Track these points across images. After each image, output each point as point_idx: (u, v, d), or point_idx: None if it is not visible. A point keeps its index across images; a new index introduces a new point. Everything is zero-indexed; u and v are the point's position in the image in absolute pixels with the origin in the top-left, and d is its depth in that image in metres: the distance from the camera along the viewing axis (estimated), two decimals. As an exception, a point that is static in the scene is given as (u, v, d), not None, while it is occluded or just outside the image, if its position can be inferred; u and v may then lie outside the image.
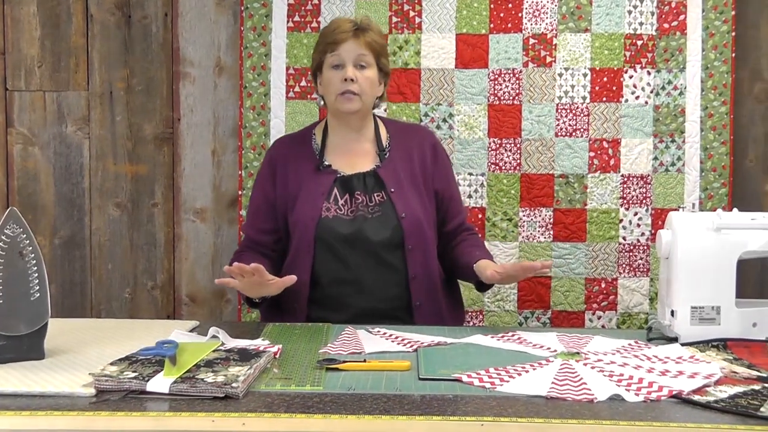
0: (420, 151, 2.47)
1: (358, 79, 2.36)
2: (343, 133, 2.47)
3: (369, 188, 2.40)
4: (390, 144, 2.48)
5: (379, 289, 2.36)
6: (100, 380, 1.53)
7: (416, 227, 2.36)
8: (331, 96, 2.40)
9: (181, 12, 3.31)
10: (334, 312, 2.35)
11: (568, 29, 3.19)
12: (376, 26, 2.47)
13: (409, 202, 2.38)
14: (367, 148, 2.47)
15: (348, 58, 2.36)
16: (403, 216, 2.35)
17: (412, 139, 2.51)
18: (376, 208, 2.37)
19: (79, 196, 3.36)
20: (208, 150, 3.35)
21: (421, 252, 2.37)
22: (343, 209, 2.37)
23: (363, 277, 2.35)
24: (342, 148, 2.47)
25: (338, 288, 2.36)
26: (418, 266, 2.36)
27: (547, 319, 3.23)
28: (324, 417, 1.41)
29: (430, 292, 2.39)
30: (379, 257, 2.35)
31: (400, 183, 2.40)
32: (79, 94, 3.34)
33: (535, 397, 1.54)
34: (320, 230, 2.35)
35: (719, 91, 3.17)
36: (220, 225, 3.36)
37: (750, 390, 1.57)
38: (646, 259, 3.21)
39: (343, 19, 2.44)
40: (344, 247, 2.35)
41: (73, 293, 3.38)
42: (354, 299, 2.35)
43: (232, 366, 1.63)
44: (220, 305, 3.38)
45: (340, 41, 2.36)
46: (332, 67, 2.38)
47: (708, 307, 1.98)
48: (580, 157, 3.19)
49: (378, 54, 2.41)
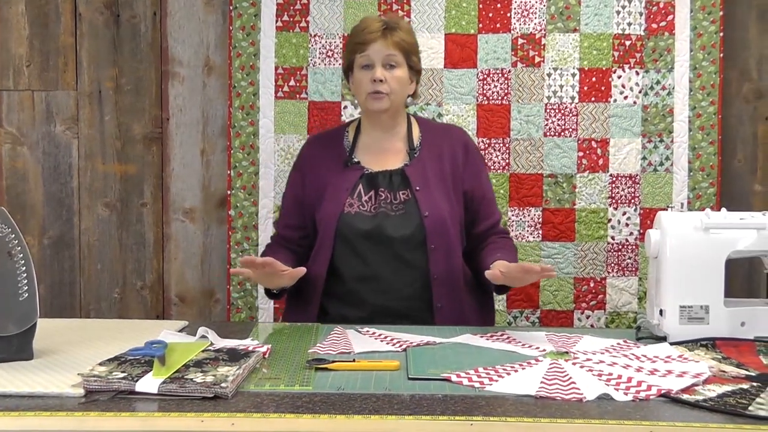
0: (451, 150, 2.45)
1: (387, 79, 2.35)
2: (374, 132, 2.47)
3: (395, 186, 2.38)
4: (421, 143, 2.47)
5: (399, 288, 2.34)
6: (89, 380, 1.53)
7: (439, 227, 2.34)
8: (361, 96, 2.41)
9: (170, 11, 3.31)
10: (353, 308, 2.35)
11: (556, 29, 3.20)
12: (406, 25, 2.46)
13: (435, 201, 2.36)
14: (398, 146, 2.46)
15: (377, 58, 2.35)
16: (426, 215, 2.33)
17: (444, 138, 2.49)
18: (400, 206, 2.36)
19: (68, 195, 3.35)
20: (197, 150, 3.34)
21: (444, 252, 2.34)
22: (366, 205, 2.36)
23: (382, 274, 2.34)
24: (372, 146, 2.47)
25: (357, 284, 2.36)
26: (440, 267, 2.34)
27: (536, 319, 3.23)
28: (313, 417, 1.41)
29: (452, 293, 2.36)
30: (400, 255, 2.33)
31: (426, 182, 2.38)
32: (68, 93, 3.33)
33: (525, 397, 1.54)
34: (341, 225, 2.35)
35: (707, 91, 3.18)
36: (209, 225, 3.36)
37: (738, 389, 1.58)
38: (634, 258, 3.22)
39: (372, 19, 2.43)
40: (364, 243, 2.34)
41: (62, 293, 3.37)
42: (372, 296, 2.34)
43: (221, 366, 1.63)
44: (209, 305, 3.38)
45: (369, 42, 2.36)
46: (362, 68, 2.38)
47: (696, 307, 1.99)
48: (569, 157, 3.20)
49: (408, 53, 2.40)
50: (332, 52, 3.23)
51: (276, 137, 3.24)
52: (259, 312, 3.26)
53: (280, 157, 3.24)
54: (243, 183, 3.25)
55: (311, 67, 3.24)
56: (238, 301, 3.26)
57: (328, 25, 3.23)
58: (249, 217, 3.26)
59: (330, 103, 3.24)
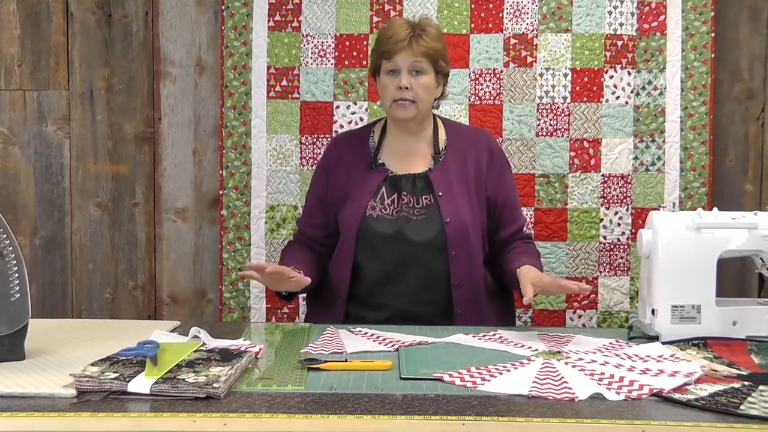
0: (476, 155, 2.44)
1: (413, 86, 2.34)
2: (399, 135, 2.46)
3: (418, 190, 2.38)
4: (447, 147, 2.45)
5: (419, 293, 2.34)
6: (81, 381, 1.53)
7: (461, 233, 2.33)
8: (387, 102, 2.39)
9: (162, 11, 3.30)
10: (372, 311, 2.35)
11: (548, 29, 3.20)
12: (434, 29, 2.41)
13: (457, 207, 2.35)
14: (423, 149, 2.45)
15: (403, 65, 2.34)
16: (447, 221, 2.32)
17: (470, 142, 2.47)
18: (422, 211, 2.35)
19: (60, 195, 3.35)
20: (189, 149, 3.34)
21: (465, 259, 2.34)
22: (388, 209, 2.36)
23: (402, 278, 2.34)
24: (398, 148, 2.46)
25: (377, 287, 2.36)
26: (461, 273, 2.33)
27: (528, 318, 3.24)
28: (305, 417, 1.41)
29: (473, 300, 2.35)
30: (420, 260, 2.33)
31: (450, 187, 2.37)
32: (60, 93, 3.32)
33: (517, 396, 1.54)
34: (363, 227, 2.35)
35: (699, 91, 3.19)
36: (201, 225, 3.35)
37: (730, 388, 1.58)
38: (626, 258, 3.23)
39: (399, 24, 2.38)
40: (384, 246, 2.33)
41: (54, 293, 3.36)
42: (392, 300, 2.34)
43: (213, 366, 1.63)
44: (202, 305, 3.37)
45: (395, 52, 2.33)
46: (388, 73, 2.36)
47: (688, 306, 1.99)
48: (561, 157, 3.21)
49: (435, 59, 2.38)
50: (324, 52, 3.23)
51: (268, 137, 3.24)
52: (252, 312, 3.26)
53: (272, 156, 3.24)
54: (235, 183, 3.25)
55: (303, 66, 3.24)
56: (230, 301, 3.26)
57: (320, 24, 3.23)
58: (241, 217, 3.25)
59: (322, 102, 3.23)
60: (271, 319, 3.23)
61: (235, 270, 3.23)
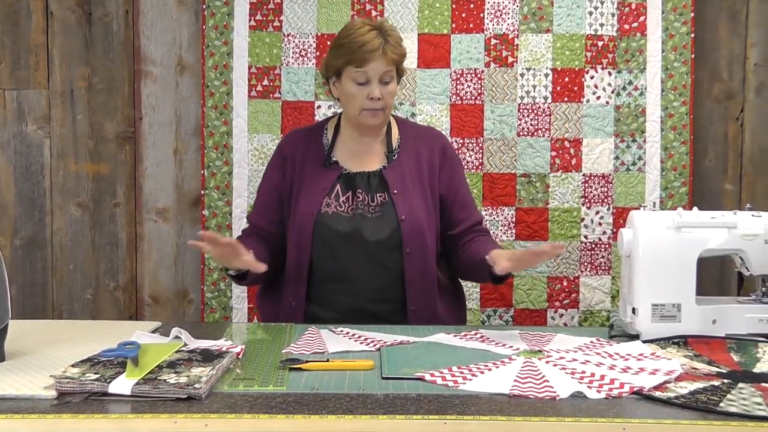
0: (429, 153, 2.44)
1: (383, 95, 2.33)
2: (354, 133, 2.45)
3: (372, 188, 2.37)
4: (400, 145, 2.46)
5: (374, 290, 2.34)
6: (62, 382, 1.52)
7: (416, 231, 2.33)
8: (354, 109, 2.36)
9: (142, 10, 3.29)
10: (327, 309, 2.35)
11: (529, 30, 3.21)
12: (395, 31, 2.39)
13: (412, 205, 2.35)
14: (377, 148, 2.45)
15: (374, 75, 2.31)
16: (402, 218, 2.32)
17: (423, 141, 2.47)
18: (377, 209, 2.35)
19: (40, 196, 3.33)
20: (170, 149, 3.32)
21: (419, 256, 2.34)
22: (343, 206, 2.35)
23: (357, 276, 2.33)
24: (352, 146, 2.45)
25: (332, 285, 2.35)
26: (415, 270, 2.33)
27: (509, 318, 3.25)
28: (287, 417, 1.41)
29: (427, 297, 2.36)
30: (376, 258, 2.33)
31: (404, 185, 2.38)
32: (40, 92, 3.30)
33: (498, 395, 1.55)
34: (318, 225, 2.34)
35: (679, 91, 3.21)
36: (183, 225, 3.34)
37: (710, 386, 1.59)
38: (607, 257, 3.24)
39: (367, 30, 2.32)
40: (340, 244, 2.33)
41: (34, 294, 3.34)
42: (347, 298, 2.34)
43: (194, 367, 1.62)
44: (183, 306, 3.36)
45: (368, 60, 2.30)
46: (357, 83, 2.33)
47: (669, 305, 2.00)
48: (542, 157, 3.22)
49: (399, 64, 2.38)
50: (305, 52, 3.23)
51: (249, 137, 3.23)
52: (233, 312, 3.25)
53: (253, 156, 3.23)
54: (216, 183, 3.24)
55: (285, 66, 3.23)
56: (212, 301, 3.25)
57: (301, 24, 3.22)
58: (223, 217, 3.25)
59: (303, 102, 3.23)
60: (253, 319, 3.22)
61: (217, 270, 3.23)
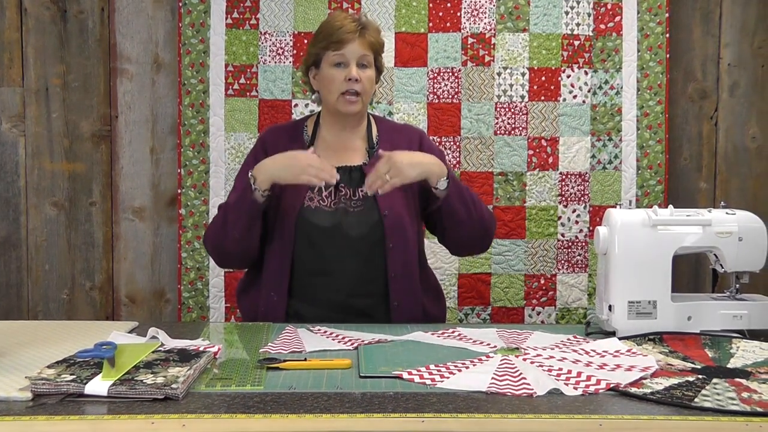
0: (408, 146, 2.43)
1: (361, 79, 2.33)
2: (335, 130, 2.44)
3: (354, 182, 2.37)
4: (379, 141, 2.46)
5: (356, 285, 2.33)
6: (37, 384, 1.51)
7: (398, 226, 2.34)
8: (332, 95, 2.36)
9: (118, 7, 3.27)
10: (309, 305, 2.34)
11: (506, 29, 3.22)
12: (375, 24, 2.43)
13: (394, 200, 2.35)
14: (357, 144, 2.45)
15: (352, 57, 2.32)
16: (385, 214, 2.33)
17: (401, 135, 2.48)
18: (359, 203, 2.34)
19: (15, 195, 3.30)
20: (146, 148, 3.31)
21: (402, 251, 2.34)
22: (326, 201, 2.35)
23: (339, 271, 2.33)
24: (332, 142, 2.44)
25: (314, 279, 2.34)
26: (398, 265, 2.34)
27: (487, 315, 3.26)
28: (265, 417, 1.41)
29: (409, 292, 2.36)
30: (358, 253, 2.32)
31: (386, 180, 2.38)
32: (14, 90, 3.27)
33: (475, 393, 1.55)
34: (300, 219, 2.33)
35: (654, 90, 3.23)
36: (159, 224, 3.33)
37: (685, 381, 1.61)
38: (584, 255, 3.26)
39: (345, 17, 2.37)
40: (322, 238, 2.32)
41: (9, 295, 3.31)
42: (329, 293, 2.33)
43: (171, 367, 1.62)
44: (160, 305, 3.35)
45: (346, 41, 2.31)
46: (334, 66, 2.34)
47: (644, 302, 2.02)
48: (519, 155, 3.23)
49: (377, 53, 2.39)
50: (282, 50, 3.22)
51: (226, 135, 3.22)
52: (211, 312, 3.24)
53: (230, 155, 3.22)
54: (193, 182, 3.23)
55: (261, 64, 3.22)
56: (189, 300, 3.24)
57: (278, 22, 3.22)
58: (199, 216, 3.23)
59: (280, 101, 3.23)
60: (230, 319, 3.22)
61: (194, 269, 3.22)
